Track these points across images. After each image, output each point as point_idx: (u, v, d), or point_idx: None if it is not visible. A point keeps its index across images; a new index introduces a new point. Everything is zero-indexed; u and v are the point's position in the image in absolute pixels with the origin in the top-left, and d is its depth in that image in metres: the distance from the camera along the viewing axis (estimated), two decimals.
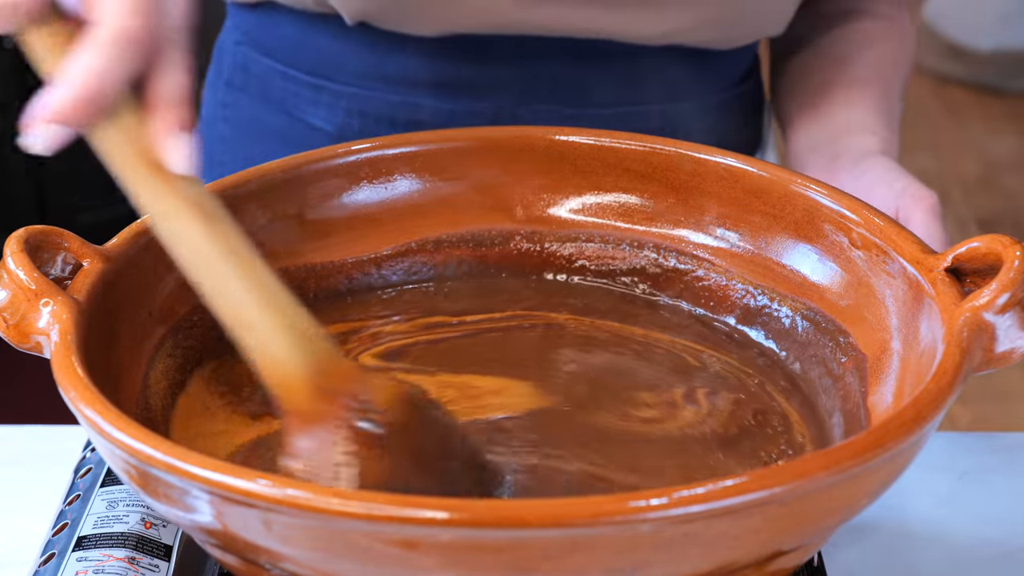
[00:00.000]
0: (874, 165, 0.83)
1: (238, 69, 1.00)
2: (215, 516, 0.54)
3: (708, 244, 0.78)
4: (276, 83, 0.97)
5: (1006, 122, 3.15)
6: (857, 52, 0.96)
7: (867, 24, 0.98)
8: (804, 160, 0.91)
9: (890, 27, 0.98)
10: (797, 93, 0.96)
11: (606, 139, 0.79)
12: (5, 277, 0.63)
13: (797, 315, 0.74)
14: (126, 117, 0.59)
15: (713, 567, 0.54)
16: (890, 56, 0.97)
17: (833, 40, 0.98)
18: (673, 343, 0.75)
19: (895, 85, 0.96)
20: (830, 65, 0.96)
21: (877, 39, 0.97)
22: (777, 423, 0.69)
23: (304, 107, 0.96)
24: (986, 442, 0.84)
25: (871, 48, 0.96)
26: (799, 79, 0.97)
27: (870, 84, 0.93)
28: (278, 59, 0.97)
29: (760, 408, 0.70)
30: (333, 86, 0.94)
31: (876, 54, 0.96)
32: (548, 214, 0.80)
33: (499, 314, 0.77)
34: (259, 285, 0.61)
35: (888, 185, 0.80)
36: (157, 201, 0.60)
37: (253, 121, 1.00)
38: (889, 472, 0.57)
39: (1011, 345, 0.62)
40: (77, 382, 0.58)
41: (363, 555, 0.52)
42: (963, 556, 0.74)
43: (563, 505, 0.50)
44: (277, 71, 0.97)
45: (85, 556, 0.66)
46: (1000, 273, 0.61)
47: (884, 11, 0.99)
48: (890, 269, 0.69)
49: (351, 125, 0.94)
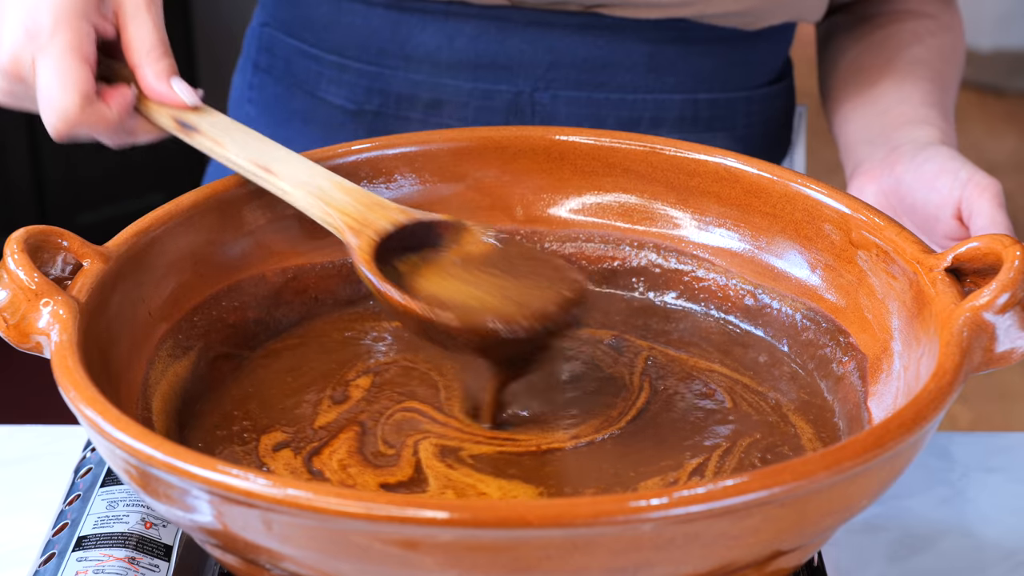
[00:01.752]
0: (935, 155, 0.83)
1: (264, 51, 1.02)
2: (215, 516, 0.54)
3: (708, 244, 0.78)
4: (300, 63, 0.99)
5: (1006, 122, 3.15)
6: (907, 48, 0.96)
7: (914, 23, 0.98)
8: (860, 153, 0.90)
9: (938, 24, 0.99)
10: (849, 89, 0.96)
11: (606, 139, 0.79)
12: (5, 277, 0.63)
13: (797, 315, 0.74)
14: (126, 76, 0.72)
15: (713, 567, 0.54)
16: (939, 50, 0.97)
17: (884, 38, 0.98)
18: (670, 344, 0.75)
19: (948, 77, 0.95)
20: (882, 61, 0.95)
21: (925, 35, 0.97)
22: (777, 423, 0.69)
23: (326, 86, 0.97)
24: (986, 442, 0.84)
25: (920, 43, 0.96)
26: (850, 75, 0.97)
27: (923, 78, 0.93)
28: (303, 39, 0.99)
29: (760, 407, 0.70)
30: (355, 64, 0.96)
31: (925, 48, 0.96)
32: (548, 214, 0.80)
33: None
34: (302, 164, 0.73)
35: (953, 174, 0.80)
36: (198, 124, 0.74)
37: (277, 102, 1.01)
38: (889, 472, 0.57)
39: (1011, 345, 0.62)
40: (77, 382, 0.58)
41: (363, 555, 0.52)
42: (964, 556, 0.74)
43: (563, 505, 0.50)
44: (301, 51, 0.99)
45: (85, 556, 0.65)
46: (1000, 273, 0.61)
47: (930, 10, 0.99)
48: (890, 269, 0.69)
49: (371, 103, 0.95)
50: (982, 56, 3.25)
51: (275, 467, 0.65)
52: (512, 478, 0.64)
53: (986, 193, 0.78)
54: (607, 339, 0.75)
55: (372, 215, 0.70)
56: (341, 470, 0.65)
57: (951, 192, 0.79)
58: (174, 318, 0.71)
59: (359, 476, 0.64)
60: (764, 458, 0.66)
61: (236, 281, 0.75)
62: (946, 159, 0.82)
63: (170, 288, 0.71)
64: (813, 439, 0.68)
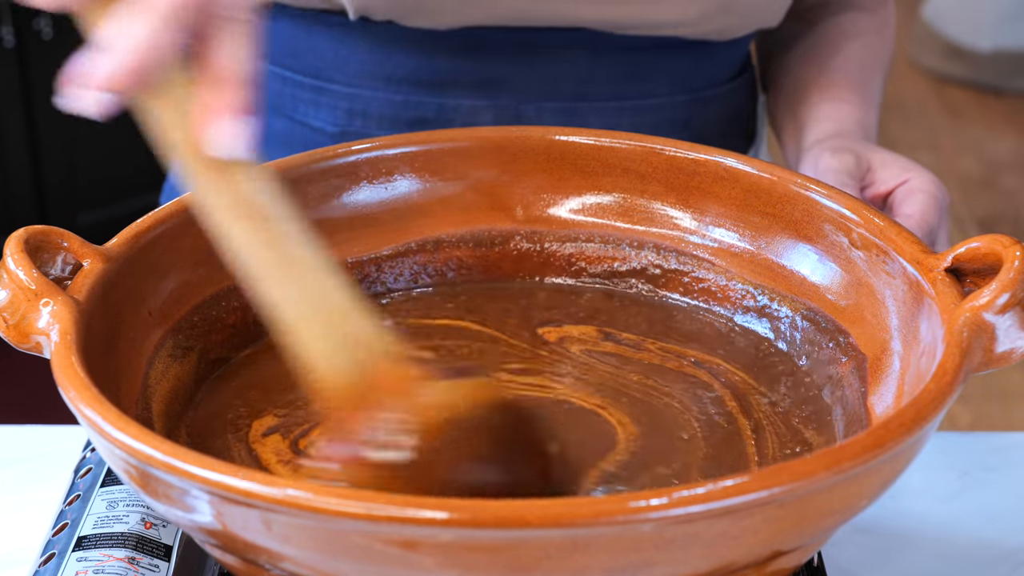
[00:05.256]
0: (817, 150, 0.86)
1: None
2: (215, 516, 0.54)
3: (708, 244, 0.78)
4: (275, 87, 0.97)
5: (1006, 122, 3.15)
6: (834, 52, 0.98)
7: (847, 17, 1.00)
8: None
9: (870, 19, 1.00)
10: (781, 102, 0.99)
11: (606, 139, 0.79)
12: (5, 277, 0.63)
13: (797, 315, 0.74)
14: (179, 92, 0.54)
15: (713, 567, 0.54)
16: (867, 49, 0.99)
17: (814, 37, 1.00)
18: (671, 343, 0.75)
19: (873, 76, 0.98)
20: (811, 68, 0.98)
21: (853, 34, 0.99)
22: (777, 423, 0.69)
23: (305, 110, 0.95)
24: (986, 442, 0.84)
25: (849, 43, 0.98)
26: (783, 85, 1.00)
27: (843, 84, 0.95)
28: (276, 62, 0.96)
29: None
30: (333, 87, 0.94)
31: (855, 48, 0.98)
32: (548, 214, 0.80)
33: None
34: (308, 292, 0.57)
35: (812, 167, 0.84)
36: (206, 193, 0.55)
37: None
38: (889, 472, 0.57)
39: (1011, 345, 0.62)
40: (77, 382, 0.58)
41: (363, 555, 0.52)
42: (963, 556, 0.74)
43: (563, 505, 0.50)
44: (275, 74, 0.96)
45: (85, 556, 0.65)
46: (1000, 273, 0.61)
47: (866, 2, 1.01)
48: (890, 269, 0.69)
49: (353, 126, 0.94)
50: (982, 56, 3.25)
51: (263, 453, 0.66)
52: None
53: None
54: (607, 339, 0.75)
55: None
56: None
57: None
58: (174, 318, 0.71)
59: None
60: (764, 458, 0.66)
61: (236, 281, 0.75)
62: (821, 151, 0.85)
63: (170, 288, 0.71)
64: (813, 439, 0.68)
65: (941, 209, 0.81)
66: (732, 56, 0.98)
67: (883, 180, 0.82)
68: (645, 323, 0.77)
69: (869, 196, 0.82)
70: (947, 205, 0.82)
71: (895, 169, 0.82)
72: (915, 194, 0.81)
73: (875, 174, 0.83)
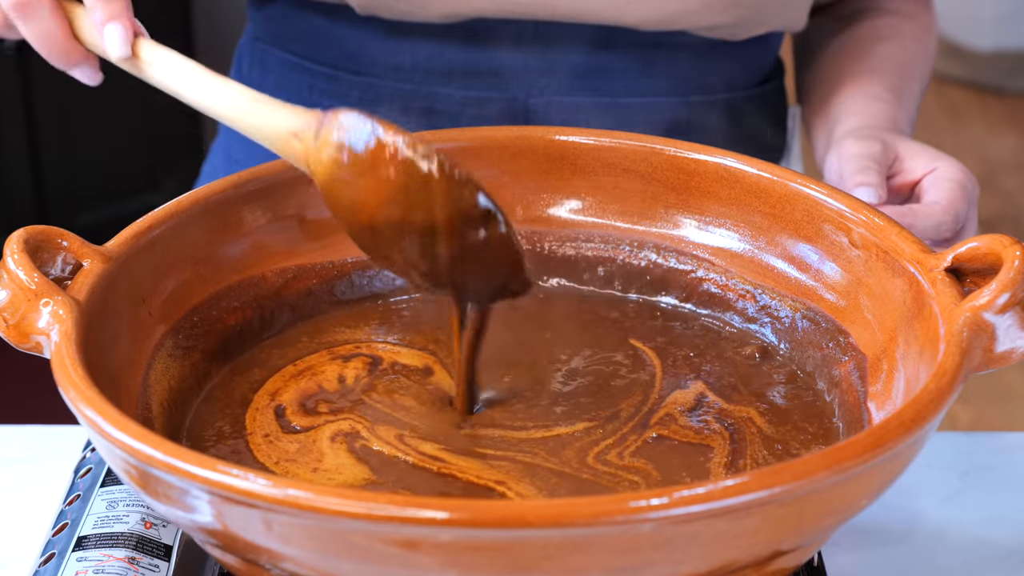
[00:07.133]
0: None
1: (256, 66, 1.02)
2: (215, 516, 0.54)
3: (708, 244, 0.78)
4: (293, 76, 0.99)
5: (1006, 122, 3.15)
6: (869, 51, 0.97)
7: (885, 21, 0.99)
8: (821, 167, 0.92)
9: (909, 25, 0.99)
10: (814, 101, 0.97)
11: (606, 139, 0.79)
12: (5, 277, 0.63)
13: (797, 315, 0.74)
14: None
15: (713, 567, 0.54)
16: (905, 53, 0.98)
17: (849, 37, 0.99)
18: (670, 343, 0.75)
19: (911, 70, 0.96)
20: (844, 66, 0.97)
21: (888, 37, 0.98)
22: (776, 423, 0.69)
23: (319, 99, 0.97)
24: (986, 442, 0.84)
25: (883, 44, 0.97)
26: (815, 84, 0.98)
27: (877, 82, 0.94)
28: (296, 52, 0.98)
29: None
30: (347, 76, 0.96)
31: (891, 49, 0.97)
32: (548, 214, 0.80)
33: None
34: (237, 100, 0.70)
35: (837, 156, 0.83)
36: (138, 73, 0.72)
37: None
38: (889, 472, 0.57)
39: (1011, 345, 0.62)
40: (77, 382, 0.58)
41: (363, 555, 0.52)
42: (964, 556, 0.74)
43: (563, 505, 0.50)
44: (294, 64, 0.98)
45: (85, 556, 0.66)
46: (1000, 273, 0.61)
47: (902, 8, 1.00)
48: (890, 269, 0.69)
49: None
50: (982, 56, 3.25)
51: (263, 453, 0.66)
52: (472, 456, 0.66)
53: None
54: (606, 339, 0.75)
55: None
56: (303, 415, 0.68)
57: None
58: (174, 318, 0.71)
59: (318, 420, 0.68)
60: (764, 458, 0.66)
61: (236, 281, 0.75)
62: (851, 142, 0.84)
63: (170, 288, 0.71)
64: (813, 439, 0.68)
65: (969, 197, 0.80)
66: (747, 59, 0.97)
67: (911, 169, 0.82)
68: (645, 322, 0.77)
69: (896, 184, 0.82)
70: (976, 194, 0.81)
71: (923, 158, 0.82)
72: (943, 182, 0.80)
73: (903, 163, 0.83)
